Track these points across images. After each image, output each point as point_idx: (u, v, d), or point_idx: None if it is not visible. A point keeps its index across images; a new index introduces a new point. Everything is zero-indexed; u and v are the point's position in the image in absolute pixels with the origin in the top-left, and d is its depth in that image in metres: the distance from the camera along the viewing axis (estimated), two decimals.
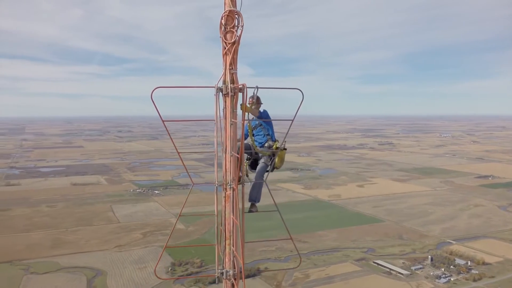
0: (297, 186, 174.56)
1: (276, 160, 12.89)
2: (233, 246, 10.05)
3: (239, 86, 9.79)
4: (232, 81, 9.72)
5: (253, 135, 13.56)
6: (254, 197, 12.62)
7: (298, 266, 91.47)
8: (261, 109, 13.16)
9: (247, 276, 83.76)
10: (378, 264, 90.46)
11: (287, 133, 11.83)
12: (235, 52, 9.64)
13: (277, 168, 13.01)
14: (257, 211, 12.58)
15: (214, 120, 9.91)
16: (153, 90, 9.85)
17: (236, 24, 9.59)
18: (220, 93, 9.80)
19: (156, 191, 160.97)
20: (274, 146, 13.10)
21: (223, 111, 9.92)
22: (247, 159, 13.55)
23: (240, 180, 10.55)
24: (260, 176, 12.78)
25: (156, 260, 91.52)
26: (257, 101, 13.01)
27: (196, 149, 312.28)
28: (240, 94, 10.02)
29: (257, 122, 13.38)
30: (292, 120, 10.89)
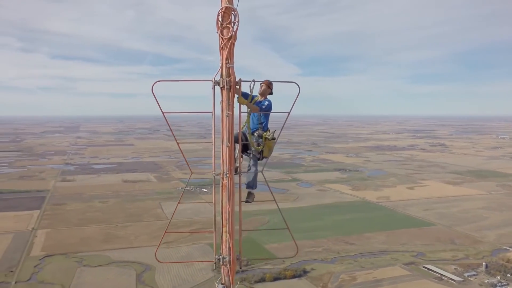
0: (345, 187, 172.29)
1: (264, 149, 13.05)
2: (229, 233, 10.69)
3: (236, 80, 10.34)
4: (229, 75, 10.17)
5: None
6: (251, 185, 13.04)
7: (295, 255, 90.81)
8: (267, 100, 13.18)
9: (292, 276, 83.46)
10: (428, 269, 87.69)
11: (283, 125, 12.31)
12: (231, 47, 10.15)
13: (265, 158, 13.17)
14: (253, 199, 13.00)
15: (212, 112, 10.41)
16: (153, 84, 10.58)
17: (232, 20, 10.09)
18: (218, 86, 10.30)
19: (204, 189, 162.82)
20: (263, 136, 13.17)
21: (220, 104, 10.40)
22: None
23: (237, 170, 11.18)
24: (254, 166, 13.03)
25: (203, 258, 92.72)
26: (269, 86, 13.12)
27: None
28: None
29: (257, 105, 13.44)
30: (288, 113, 11.58)
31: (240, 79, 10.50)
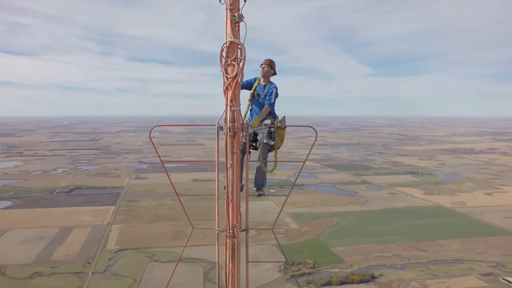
0: (417, 191, 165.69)
1: (277, 140, 12.11)
2: None
3: (242, 125, 9.27)
4: (233, 120, 8.93)
5: (251, 108, 12.71)
6: (261, 182, 12.14)
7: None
8: (272, 87, 12.28)
9: (360, 281, 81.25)
10: (509, 281, 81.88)
11: (298, 174, 11.52)
12: (237, 86, 8.86)
13: (277, 149, 12.14)
14: (264, 194, 12.07)
15: (215, 162, 9.66)
16: (152, 129, 10.12)
17: (238, 57, 8.80)
18: (221, 131, 9.24)
19: (272, 190, 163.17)
20: (275, 125, 12.07)
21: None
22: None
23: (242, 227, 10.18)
24: (263, 158, 12.02)
25: (268, 258, 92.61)
26: (271, 66, 12.35)
27: (314, 150, 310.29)
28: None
29: (261, 92, 12.34)
30: (304, 162, 10.90)
31: (247, 123, 9.60)
